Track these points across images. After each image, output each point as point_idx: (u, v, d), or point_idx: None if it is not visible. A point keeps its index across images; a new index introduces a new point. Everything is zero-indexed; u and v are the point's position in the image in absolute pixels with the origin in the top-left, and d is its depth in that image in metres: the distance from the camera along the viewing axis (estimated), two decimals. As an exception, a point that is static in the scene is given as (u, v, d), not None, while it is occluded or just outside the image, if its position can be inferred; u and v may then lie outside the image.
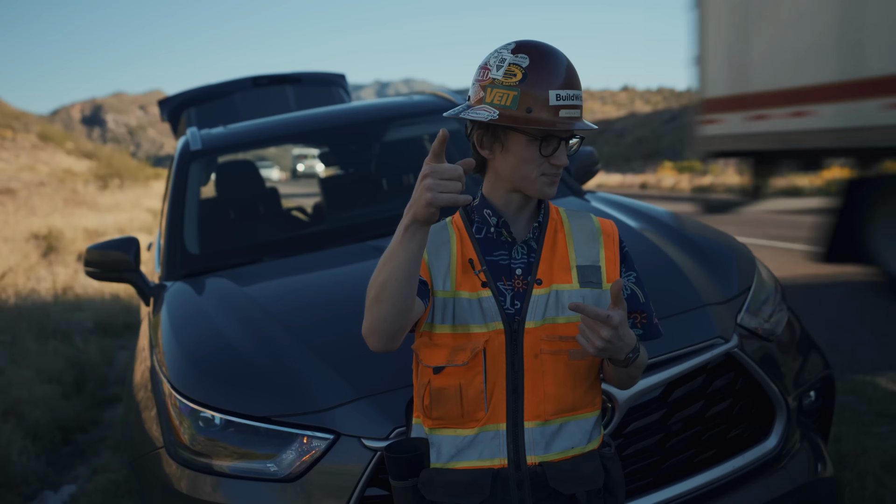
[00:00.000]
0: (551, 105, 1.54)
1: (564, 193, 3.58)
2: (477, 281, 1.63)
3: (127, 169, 29.43)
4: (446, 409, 1.63)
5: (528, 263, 1.66)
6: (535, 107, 1.55)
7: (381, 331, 1.52)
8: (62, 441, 4.99)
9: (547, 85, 1.54)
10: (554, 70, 1.56)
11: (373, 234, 3.34)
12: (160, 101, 5.94)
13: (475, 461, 1.62)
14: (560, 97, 1.54)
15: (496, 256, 1.66)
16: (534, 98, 1.54)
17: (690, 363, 2.26)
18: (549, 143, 1.58)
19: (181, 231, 3.41)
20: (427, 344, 1.64)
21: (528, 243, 1.68)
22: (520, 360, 1.60)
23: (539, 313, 1.61)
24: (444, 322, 1.62)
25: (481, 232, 1.68)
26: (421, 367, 1.67)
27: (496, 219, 1.67)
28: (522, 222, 1.70)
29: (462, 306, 1.62)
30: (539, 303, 1.62)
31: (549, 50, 1.59)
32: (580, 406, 1.65)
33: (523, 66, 1.56)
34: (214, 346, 2.47)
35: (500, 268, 1.65)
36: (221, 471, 2.13)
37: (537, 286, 1.63)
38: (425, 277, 1.63)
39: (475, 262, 1.65)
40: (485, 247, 1.67)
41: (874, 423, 4.07)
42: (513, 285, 1.64)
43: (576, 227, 1.73)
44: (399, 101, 4.33)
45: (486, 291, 1.62)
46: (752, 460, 2.35)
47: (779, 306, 2.70)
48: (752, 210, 10.70)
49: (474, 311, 1.61)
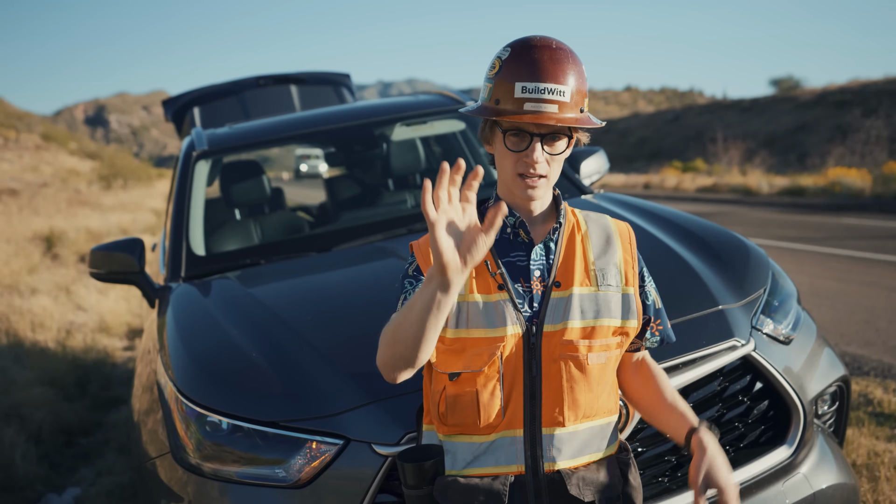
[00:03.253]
0: (516, 97, 1.51)
1: (573, 193, 3.54)
2: (492, 283, 1.59)
3: (130, 169, 29.42)
4: (462, 416, 1.59)
5: (547, 265, 1.62)
6: (502, 98, 1.53)
7: (398, 367, 1.49)
8: (65, 444, 4.96)
9: (515, 77, 1.51)
10: (528, 63, 1.51)
11: (379, 234, 3.31)
12: (164, 101, 5.91)
13: (492, 468, 1.58)
14: (526, 89, 1.50)
15: (513, 258, 1.62)
16: (502, 89, 1.53)
17: (706, 366, 2.22)
18: (519, 139, 1.55)
19: (186, 232, 3.37)
20: (441, 350, 1.59)
21: (547, 244, 1.63)
22: (538, 365, 1.56)
23: (558, 317, 1.57)
24: (459, 327, 1.58)
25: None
26: (435, 374, 1.63)
27: (513, 219, 1.63)
28: (539, 223, 1.66)
29: (476, 310, 1.57)
30: (558, 306, 1.58)
31: (534, 44, 1.54)
32: (598, 412, 1.61)
33: (503, 59, 1.55)
34: (221, 349, 2.43)
35: (517, 269, 1.61)
36: (228, 476, 2.09)
37: (556, 289, 1.59)
38: None
39: (491, 265, 1.61)
40: (501, 248, 1.63)
41: (885, 427, 4.03)
42: (531, 287, 1.60)
43: (593, 229, 1.69)
44: (405, 100, 4.29)
45: (502, 294, 1.58)
46: (768, 466, 2.30)
47: (794, 308, 2.66)
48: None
49: (490, 315, 1.57)
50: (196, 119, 5.60)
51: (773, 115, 40.26)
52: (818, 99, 39.63)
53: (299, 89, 5.88)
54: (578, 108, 1.55)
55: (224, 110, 5.53)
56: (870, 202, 15.61)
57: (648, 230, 2.86)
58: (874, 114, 24.53)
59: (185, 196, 3.53)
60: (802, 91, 47.04)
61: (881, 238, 10.41)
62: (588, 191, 3.60)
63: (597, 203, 3.31)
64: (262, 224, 3.88)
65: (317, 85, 6.03)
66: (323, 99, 5.92)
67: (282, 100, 5.76)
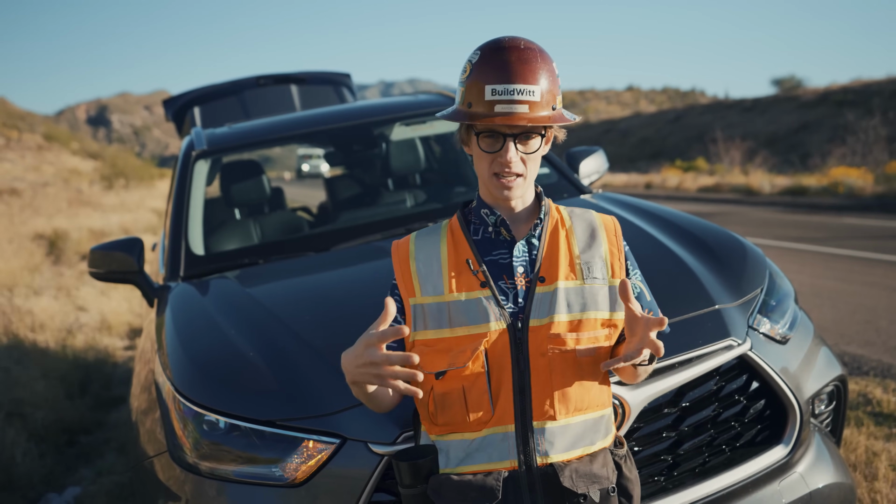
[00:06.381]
0: (486, 100, 1.54)
1: (572, 193, 3.55)
2: (475, 281, 1.62)
3: (132, 169, 29.43)
4: (451, 414, 1.61)
5: (531, 261, 1.64)
6: (474, 101, 1.56)
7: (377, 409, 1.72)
8: (66, 443, 4.97)
9: (485, 80, 1.55)
10: (497, 65, 1.55)
11: (378, 234, 3.32)
12: (165, 101, 5.92)
13: (485, 464, 1.59)
14: (496, 92, 1.54)
15: (496, 256, 1.65)
16: (474, 92, 1.56)
17: (703, 366, 2.22)
18: (493, 140, 1.58)
19: (185, 232, 3.38)
20: (426, 352, 1.61)
21: (530, 241, 1.66)
22: (525, 360, 1.58)
23: (544, 311, 1.59)
24: (442, 327, 1.61)
25: (479, 233, 1.68)
26: (423, 375, 1.65)
27: (494, 217, 1.66)
28: (521, 220, 1.68)
29: (458, 308, 1.60)
30: (543, 300, 1.59)
31: (502, 45, 1.57)
32: (591, 405, 1.62)
33: (473, 62, 1.58)
34: (218, 349, 2.43)
35: (500, 267, 1.64)
36: (225, 475, 2.10)
37: (540, 284, 1.61)
38: (410, 286, 1.64)
39: (473, 263, 1.63)
40: (483, 247, 1.66)
41: (884, 427, 4.03)
42: (515, 284, 1.62)
43: (577, 224, 1.71)
44: (404, 100, 4.30)
45: (484, 291, 1.60)
46: (764, 465, 2.31)
47: (791, 308, 2.66)
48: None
49: (472, 312, 1.59)
50: (196, 119, 5.60)
51: (774, 115, 40.22)
52: (820, 99, 39.58)
53: (299, 89, 5.89)
54: (550, 106, 1.57)
55: (224, 110, 5.54)
56: (871, 202, 15.59)
57: (646, 230, 2.86)
58: (876, 114, 24.48)
59: (185, 196, 3.54)
60: (804, 91, 46.98)
61: (883, 238, 10.40)
62: (587, 190, 3.60)
63: (595, 203, 3.32)
64: (261, 224, 3.89)
65: (317, 85, 6.04)
66: (323, 99, 5.93)
67: (282, 100, 5.77)
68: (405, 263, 1.69)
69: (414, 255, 1.69)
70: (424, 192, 4.22)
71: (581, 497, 1.57)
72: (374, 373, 1.48)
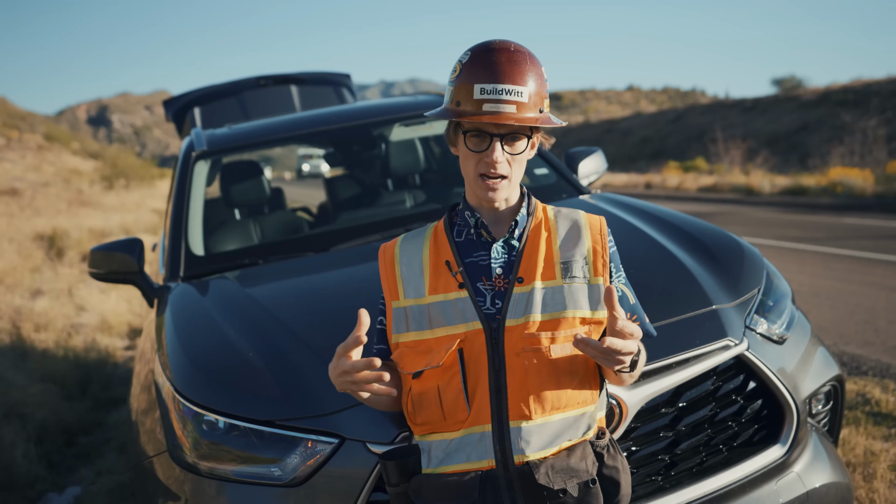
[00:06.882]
0: (475, 99, 1.56)
1: (571, 194, 3.56)
2: (453, 282, 1.64)
3: (132, 169, 29.41)
4: (428, 413, 1.63)
5: (509, 262, 1.66)
6: (462, 100, 1.58)
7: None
8: (66, 443, 4.98)
9: (474, 79, 1.57)
10: (486, 65, 1.57)
11: (377, 234, 3.32)
12: (165, 102, 5.93)
13: (463, 464, 1.61)
14: (485, 91, 1.56)
15: (476, 257, 1.67)
16: (463, 92, 1.58)
17: (700, 366, 2.23)
18: (479, 139, 1.60)
19: (185, 232, 3.39)
20: (408, 354, 1.65)
21: (509, 242, 1.67)
22: (501, 360, 1.59)
23: (520, 311, 1.60)
24: (422, 328, 1.63)
25: (462, 235, 1.70)
26: (403, 376, 1.68)
27: (474, 219, 1.68)
28: (504, 222, 1.70)
29: (437, 309, 1.63)
30: (520, 301, 1.61)
31: (493, 47, 1.59)
32: (570, 403, 1.62)
33: (463, 62, 1.61)
34: (218, 349, 2.44)
35: (479, 268, 1.66)
36: (225, 475, 2.11)
37: (518, 284, 1.63)
38: (394, 290, 1.68)
39: (452, 264, 1.66)
40: (465, 248, 1.68)
41: (882, 426, 4.03)
42: (493, 285, 1.63)
43: (561, 223, 1.72)
44: (403, 100, 4.30)
45: (462, 292, 1.63)
46: (761, 465, 2.31)
47: (788, 308, 2.66)
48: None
49: (449, 313, 1.62)
50: (196, 119, 5.61)
51: (775, 115, 40.19)
52: (820, 99, 39.54)
53: (299, 89, 5.90)
54: (537, 109, 1.59)
55: (224, 110, 5.54)
56: (871, 202, 15.59)
57: (643, 230, 2.87)
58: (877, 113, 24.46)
59: (185, 196, 3.55)
60: (805, 91, 46.91)
61: (883, 238, 10.41)
62: (586, 191, 3.61)
63: (593, 203, 3.32)
64: (261, 224, 3.89)
65: (317, 85, 6.04)
66: (323, 99, 5.93)
67: (282, 100, 5.78)
68: (391, 267, 1.72)
69: (399, 258, 1.72)
70: (424, 193, 4.23)
71: (560, 492, 1.57)
72: (348, 380, 1.54)
